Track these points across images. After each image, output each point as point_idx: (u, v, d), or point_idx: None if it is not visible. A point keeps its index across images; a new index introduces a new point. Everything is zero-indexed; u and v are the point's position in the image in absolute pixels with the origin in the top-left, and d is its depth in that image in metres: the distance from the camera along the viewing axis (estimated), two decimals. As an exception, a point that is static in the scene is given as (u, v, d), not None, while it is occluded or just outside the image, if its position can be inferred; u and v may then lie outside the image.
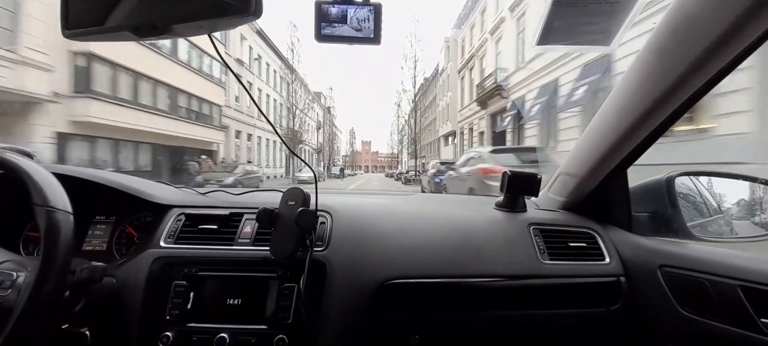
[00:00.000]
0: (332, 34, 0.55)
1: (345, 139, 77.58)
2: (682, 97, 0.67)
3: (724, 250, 0.74)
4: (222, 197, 0.93)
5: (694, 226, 0.90)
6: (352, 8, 0.55)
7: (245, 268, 0.74)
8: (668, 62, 0.64)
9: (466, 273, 0.77)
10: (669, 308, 0.74)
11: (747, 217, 0.98)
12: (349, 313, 0.72)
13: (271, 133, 22.95)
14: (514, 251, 0.82)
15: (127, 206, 0.86)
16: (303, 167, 22.14)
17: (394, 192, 1.82)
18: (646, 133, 0.77)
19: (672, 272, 0.75)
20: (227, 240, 0.79)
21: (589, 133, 0.88)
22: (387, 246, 0.80)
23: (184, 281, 0.72)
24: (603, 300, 0.80)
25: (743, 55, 0.59)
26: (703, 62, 0.60)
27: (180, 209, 0.84)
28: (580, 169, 0.92)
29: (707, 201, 1.05)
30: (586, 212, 0.96)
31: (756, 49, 0.58)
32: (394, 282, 0.74)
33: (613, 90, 0.80)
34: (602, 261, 0.83)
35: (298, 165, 23.43)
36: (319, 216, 0.81)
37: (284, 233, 0.70)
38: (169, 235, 0.79)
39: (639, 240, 0.86)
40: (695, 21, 0.58)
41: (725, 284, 0.66)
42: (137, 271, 0.73)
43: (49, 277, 0.52)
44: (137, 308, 0.70)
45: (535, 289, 0.79)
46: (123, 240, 0.86)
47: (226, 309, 0.71)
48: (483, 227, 0.88)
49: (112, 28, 0.48)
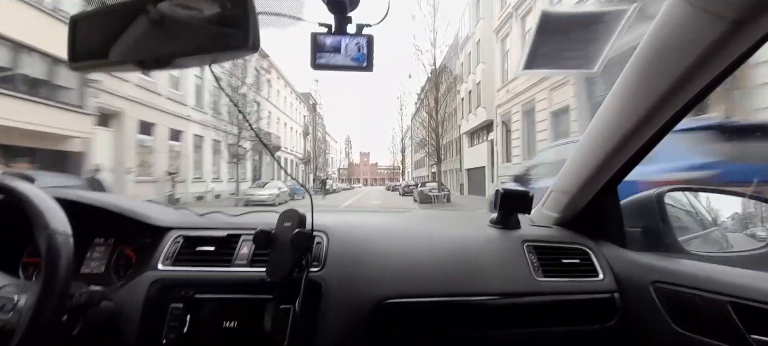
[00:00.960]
0: (327, 63, 0.58)
1: (340, 148, 71.69)
2: (668, 114, 0.69)
3: (714, 266, 0.75)
4: (220, 219, 0.94)
5: (685, 240, 0.92)
6: (346, 39, 0.58)
7: (242, 289, 0.75)
8: (653, 80, 0.66)
9: (462, 292, 0.78)
10: (663, 324, 0.74)
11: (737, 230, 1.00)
12: (346, 333, 0.73)
13: (212, 130, 14.96)
14: (508, 269, 0.83)
15: (126, 228, 0.87)
16: (263, 180, 17.13)
17: (392, 209, 1.83)
18: (635, 149, 0.79)
19: (664, 288, 0.76)
20: (225, 262, 0.79)
21: (579, 150, 0.90)
22: (383, 265, 0.80)
23: (181, 304, 0.72)
24: (598, 317, 0.81)
25: (726, 73, 0.61)
26: (685, 82, 0.62)
27: (178, 231, 0.85)
28: (571, 186, 0.94)
29: (699, 215, 1.07)
30: (579, 227, 0.97)
31: (738, 66, 0.60)
32: (390, 302, 0.75)
33: (600, 107, 0.82)
34: (596, 277, 0.84)
35: (246, 177, 17.39)
36: (315, 236, 0.82)
37: (280, 254, 0.71)
38: (167, 257, 0.80)
39: (632, 256, 0.87)
40: (676, 40, 0.60)
41: (716, 301, 0.67)
42: (135, 294, 0.73)
43: (49, 300, 0.53)
44: (134, 332, 0.70)
45: (529, 306, 0.79)
46: (121, 262, 0.87)
47: (223, 332, 0.71)
48: (477, 244, 0.89)
49: (117, 61, 0.50)
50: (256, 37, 0.45)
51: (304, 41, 0.63)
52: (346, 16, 0.58)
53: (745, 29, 0.53)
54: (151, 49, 0.48)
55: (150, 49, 0.48)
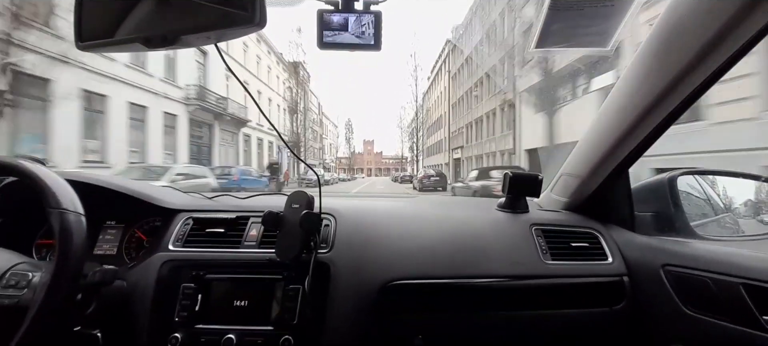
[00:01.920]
0: (334, 42, 0.57)
1: (340, 132, 61.07)
2: (679, 98, 0.68)
3: (726, 248, 0.74)
4: (228, 201, 0.95)
5: (697, 225, 0.90)
6: (353, 16, 0.57)
7: (251, 270, 0.76)
8: (664, 64, 0.65)
9: (469, 274, 0.78)
10: (673, 306, 0.74)
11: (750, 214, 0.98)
12: (353, 313, 0.73)
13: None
14: (516, 252, 0.82)
15: (137, 210, 0.88)
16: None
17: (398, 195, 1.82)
18: (646, 133, 0.77)
19: (675, 270, 0.75)
20: (234, 243, 0.81)
21: (589, 134, 0.89)
22: (390, 247, 0.81)
23: (192, 284, 0.73)
24: (607, 300, 0.81)
25: (738, 56, 0.59)
26: (698, 63, 0.61)
27: (188, 213, 0.86)
28: (581, 170, 0.93)
29: (710, 199, 1.05)
30: (588, 212, 0.96)
31: (751, 48, 0.58)
32: (397, 283, 0.75)
33: (612, 91, 0.80)
34: (605, 261, 0.84)
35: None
36: (323, 218, 0.82)
37: (289, 235, 0.71)
38: (178, 238, 0.81)
39: (642, 239, 0.86)
40: (688, 24, 0.59)
41: (728, 282, 0.66)
42: (147, 274, 0.75)
43: (63, 277, 0.54)
44: (147, 310, 0.72)
45: (538, 289, 0.79)
46: (133, 244, 0.88)
47: (233, 311, 0.73)
48: (485, 228, 0.88)
49: (124, 40, 0.50)
50: (262, 14, 0.44)
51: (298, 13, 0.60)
52: None
53: (757, 10, 0.51)
54: (157, 27, 0.48)
55: (156, 27, 0.48)
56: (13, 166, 0.62)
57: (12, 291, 0.56)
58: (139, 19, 0.49)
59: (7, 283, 0.57)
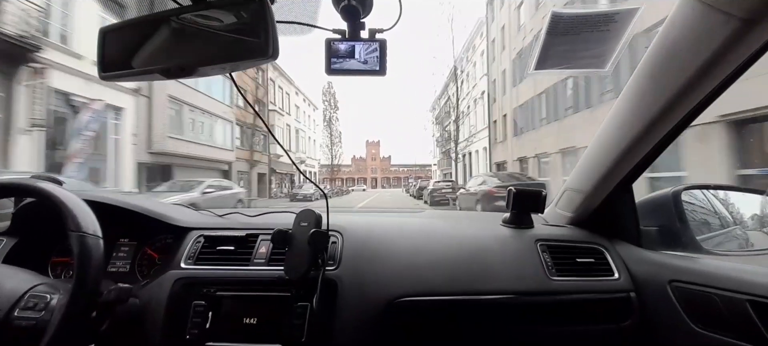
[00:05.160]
0: (341, 68, 0.60)
1: (320, 118, 36.38)
2: (678, 116, 0.69)
3: (733, 264, 0.74)
4: (238, 219, 0.97)
5: (703, 239, 0.90)
6: (359, 44, 0.60)
7: (261, 288, 0.77)
8: (664, 80, 0.67)
9: (475, 290, 0.79)
10: (680, 323, 0.74)
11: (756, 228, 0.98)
12: (361, 330, 0.74)
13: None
14: (521, 268, 0.83)
15: (149, 229, 0.90)
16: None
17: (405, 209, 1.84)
18: (649, 147, 0.78)
19: (682, 286, 0.75)
20: (244, 261, 0.82)
21: (593, 149, 0.90)
22: (397, 264, 0.82)
23: (203, 301, 0.75)
24: (613, 316, 0.80)
25: (738, 72, 0.61)
26: (697, 80, 0.62)
27: (199, 232, 0.88)
28: (585, 185, 0.94)
29: (717, 213, 1.05)
30: (593, 227, 0.96)
31: (750, 65, 0.60)
32: (404, 300, 0.76)
33: (614, 106, 0.82)
34: (611, 277, 0.84)
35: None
36: (331, 236, 0.84)
37: (297, 253, 0.73)
38: (189, 256, 0.83)
39: (648, 255, 0.86)
40: (686, 42, 0.60)
41: (734, 299, 0.66)
42: (159, 291, 0.76)
43: (80, 299, 0.56)
44: (159, 328, 0.73)
45: (543, 305, 0.79)
46: (145, 262, 0.90)
47: (243, 328, 0.74)
48: (490, 244, 0.89)
49: (144, 71, 0.53)
50: (275, 45, 0.47)
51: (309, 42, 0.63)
52: (360, 21, 0.60)
53: (756, 27, 0.53)
54: (175, 58, 0.51)
55: (175, 59, 0.51)
56: (34, 189, 0.65)
57: (31, 313, 0.58)
58: (159, 52, 0.52)
59: (25, 305, 0.58)
